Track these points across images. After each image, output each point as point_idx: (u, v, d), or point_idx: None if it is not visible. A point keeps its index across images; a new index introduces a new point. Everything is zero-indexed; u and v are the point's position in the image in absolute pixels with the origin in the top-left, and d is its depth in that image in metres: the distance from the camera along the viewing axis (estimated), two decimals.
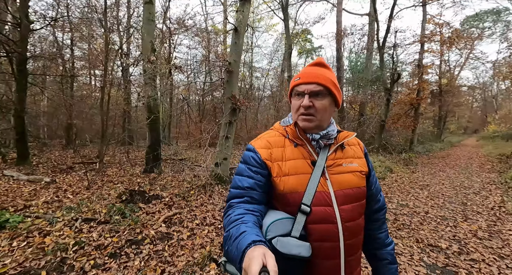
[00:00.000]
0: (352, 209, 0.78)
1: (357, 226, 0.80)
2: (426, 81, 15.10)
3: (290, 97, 0.89)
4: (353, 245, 0.79)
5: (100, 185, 4.94)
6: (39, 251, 2.38)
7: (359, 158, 0.87)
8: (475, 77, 36.18)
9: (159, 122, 5.88)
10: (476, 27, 22.04)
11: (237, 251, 0.57)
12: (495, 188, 5.80)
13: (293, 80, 0.86)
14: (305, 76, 0.82)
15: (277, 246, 0.66)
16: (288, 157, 0.81)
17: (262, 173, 0.80)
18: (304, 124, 0.82)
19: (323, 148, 0.83)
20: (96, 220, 3.07)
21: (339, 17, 13.36)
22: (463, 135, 35.07)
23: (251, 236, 0.58)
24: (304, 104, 0.79)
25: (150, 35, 5.84)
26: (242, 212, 0.71)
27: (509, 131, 23.30)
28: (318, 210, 0.74)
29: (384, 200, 0.96)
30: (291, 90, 0.87)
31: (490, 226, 3.50)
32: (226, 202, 0.81)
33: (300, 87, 0.82)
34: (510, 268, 2.45)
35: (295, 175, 0.78)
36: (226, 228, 0.69)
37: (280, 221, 0.73)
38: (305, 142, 0.83)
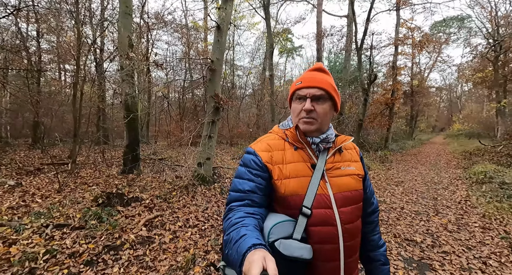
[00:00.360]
0: (351, 211, 0.80)
1: (355, 228, 0.82)
2: (400, 82, 15.91)
3: (290, 101, 0.90)
4: (352, 247, 0.81)
5: (73, 188, 4.64)
6: (4, 262, 2.17)
7: (356, 162, 0.90)
8: (442, 79, 38.92)
9: (138, 121, 5.63)
10: (443, 32, 23.65)
11: (237, 254, 0.57)
12: (461, 183, 6.25)
13: (294, 84, 0.87)
14: (307, 80, 0.83)
15: (280, 248, 0.66)
16: (288, 160, 0.82)
17: (262, 176, 0.80)
18: (306, 127, 0.83)
19: (322, 151, 0.84)
20: (70, 225, 2.88)
21: (319, 18, 13.62)
22: (431, 133, 37.41)
23: (251, 239, 0.58)
24: (306, 108, 0.80)
25: (127, 30, 5.57)
26: (242, 215, 0.71)
27: (471, 130, 25.26)
28: (318, 213, 0.76)
29: (377, 202, 0.98)
30: (291, 94, 0.88)
31: (458, 219, 3.77)
32: (226, 205, 0.81)
33: (302, 91, 0.83)
34: (477, 258, 2.65)
35: (296, 178, 0.79)
36: (226, 231, 0.68)
37: (282, 223, 0.73)
38: (305, 145, 0.85)
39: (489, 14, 17.46)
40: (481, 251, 2.79)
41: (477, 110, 32.11)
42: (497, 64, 16.39)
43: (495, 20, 16.84)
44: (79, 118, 7.07)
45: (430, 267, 2.47)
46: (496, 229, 3.37)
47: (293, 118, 0.88)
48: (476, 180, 6.25)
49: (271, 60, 11.27)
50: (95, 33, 11.09)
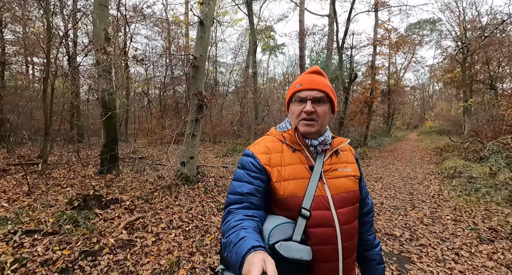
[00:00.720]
0: (348, 212, 0.82)
1: (353, 229, 0.84)
2: (378, 82, 16.52)
3: (288, 104, 0.91)
4: (350, 247, 0.82)
5: (45, 190, 4.34)
6: None
7: (352, 163, 0.91)
8: (416, 79, 41.00)
9: (116, 118, 5.37)
10: (417, 34, 24.91)
11: (236, 257, 0.57)
12: (434, 177, 6.62)
13: (293, 86, 0.87)
14: (307, 83, 0.84)
15: (280, 250, 0.66)
16: (286, 162, 0.83)
17: (261, 179, 0.80)
18: (306, 129, 0.84)
19: (319, 153, 0.86)
20: (42, 231, 2.68)
21: (302, 16, 13.73)
22: (406, 130, 39.34)
23: (250, 242, 0.58)
24: (307, 110, 0.81)
25: (103, 22, 5.27)
26: (241, 218, 0.71)
27: (441, 127, 26.90)
28: (317, 214, 0.76)
29: (372, 203, 1.01)
30: (290, 96, 0.89)
31: (433, 213, 3.98)
32: (225, 208, 0.81)
33: (302, 93, 0.84)
34: (450, 250, 2.81)
35: (294, 180, 0.80)
36: (226, 234, 0.68)
37: (282, 225, 0.74)
38: (303, 147, 0.85)
39: (458, 18, 18.59)
40: (454, 243, 2.96)
41: (447, 109, 34.27)
42: (465, 66, 17.52)
43: (463, 24, 17.94)
44: (50, 115, 6.60)
45: (409, 260, 2.59)
46: (466, 221, 3.60)
47: (292, 120, 0.89)
48: (447, 174, 6.65)
49: (254, 57, 11.22)
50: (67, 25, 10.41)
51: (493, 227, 3.33)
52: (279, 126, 0.95)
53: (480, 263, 2.53)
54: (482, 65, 17.67)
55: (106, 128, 5.21)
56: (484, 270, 2.40)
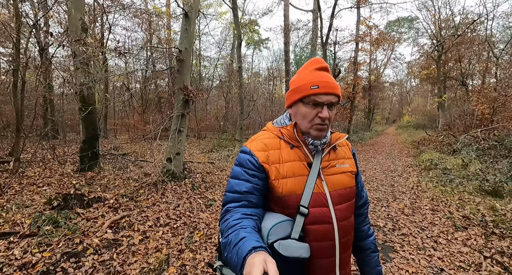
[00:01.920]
0: (345, 208, 0.82)
1: (349, 224, 0.85)
2: (360, 77, 16.95)
3: (295, 102, 0.83)
4: (347, 242, 0.83)
5: (19, 190, 4.08)
6: None
7: (349, 159, 0.91)
8: (395, 75, 42.58)
9: (96, 113, 5.12)
10: (396, 32, 25.74)
11: (237, 257, 0.57)
12: (412, 170, 6.95)
13: (306, 86, 0.79)
14: (324, 85, 0.78)
15: (280, 249, 0.66)
16: (285, 159, 0.81)
17: (259, 176, 0.79)
18: (319, 134, 0.81)
19: (318, 150, 0.84)
20: (18, 233, 2.53)
21: (286, 11, 13.70)
22: (385, 125, 40.92)
23: (251, 242, 0.58)
24: (325, 116, 0.78)
25: (79, 11, 4.95)
26: (240, 217, 0.70)
27: (418, 122, 28.26)
28: (315, 211, 0.76)
29: (367, 195, 1.03)
30: (303, 96, 0.80)
31: (412, 203, 4.19)
32: (222, 206, 0.80)
33: (320, 97, 0.78)
34: (429, 238, 2.98)
35: (293, 177, 0.78)
36: (225, 234, 0.67)
37: (280, 224, 0.73)
38: (301, 143, 0.84)
39: (433, 17, 19.41)
40: (432, 231, 3.14)
41: (423, 104, 35.97)
42: (439, 63, 18.39)
43: (438, 22, 18.77)
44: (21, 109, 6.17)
45: (393, 249, 2.71)
46: (442, 210, 3.83)
47: (301, 122, 0.82)
48: (424, 167, 7.01)
49: (240, 51, 11.10)
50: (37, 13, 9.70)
51: (466, 215, 3.56)
52: (276, 121, 0.93)
53: (456, 249, 2.70)
54: (454, 62, 18.66)
55: (85, 124, 4.95)
56: (460, 256, 2.57)
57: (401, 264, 2.42)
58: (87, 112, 4.62)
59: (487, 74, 16.62)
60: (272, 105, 17.03)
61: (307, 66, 0.85)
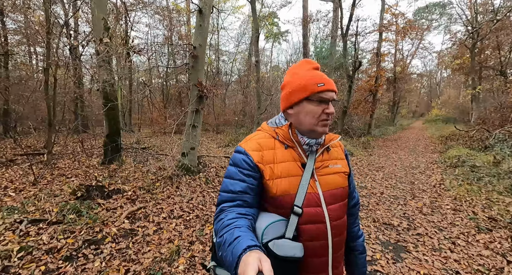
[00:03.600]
0: (338, 208, 0.84)
1: (342, 224, 0.86)
2: (383, 69, 16.13)
3: (300, 101, 0.82)
4: (339, 242, 0.85)
5: (50, 180, 4.44)
6: None
7: (341, 159, 0.92)
8: (423, 66, 39.95)
9: (118, 109, 5.38)
10: (426, 19, 23.99)
11: (232, 256, 0.57)
12: (436, 167, 6.57)
13: (313, 85, 0.80)
14: (328, 82, 0.81)
15: (274, 249, 0.67)
16: (279, 159, 0.82)
17: (254, 176, 0.80)
18: (324, 129, 0.83)
19: (312, 150, 0.86)
20: (46, 220, 2.77)
21: (305, 2, 13.32)
22: (411, 119, 38.82)
23: (246, 241, 0.59)
24: (332, 112, 0.81)
25: (101, 11, 5.18)
26: (234, 216, 0.71)
27: (448, 115, 26.44)
28: (309, 211, 0.78)
29: (358, 195, 1.04)
30: (310, 94, 0.80)
31: (432, 202, 3.98)
32: (217, 206, 0.81)
33: (326, 94, 0.80)
34: (447, 239, 2.83)
35: (287, 177, 0.80)
36: (219, 233, 0.68)
37: (275, 223, 0.74)
38: (296, 144, 0.85)
39: (469, 1, 17.78)
40: (451, 232, 2.98)
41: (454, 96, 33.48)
42: (474, 52, 16.93)
43: (474, 7, 17.18)
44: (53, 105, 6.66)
45: (405, 249, 2.62)
46: (465, 211, 3.60)
47: (306, 119, 0.82)
48: (450, 164, 6.60)
49: (257, 46, 10.99)
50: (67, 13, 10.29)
51: (493, 217, 3.32)
52: (270, 122, 0.93)
53: (476, 252, 2.55)
54: (492, 50, 17.06)
55: (108, 119, 5.24)
56: (479, 259, 2.42)
57: (412, 265, 2.33)
58: (110, 108, 4.88)
59: None
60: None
61: (302, 67, 0.86)
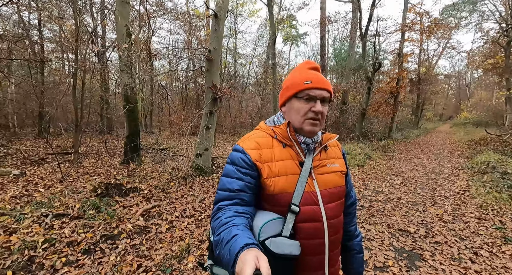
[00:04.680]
0: (335, 207, 0.84)
1: (339, 223, 0.86)
2: (406, 70, 15.50)
3: (289, 98, 0.85)
4: (336, 240, 0.85)
5: (75, 177, 4.75)
6: (4, 250, 2.27)
7: (339, 159, 0.92)
8: (451, 66, 37.81)
9: (137, 111, 5.65)
10: (454, 17, 22.67)
11: (229, 255, 0.57)
12: (462, 173, 6.18)
13: (299, 82, 0.82)
14: (317, 81, 0.81)
15: (271, 247, 0.68)
16: (277, 157, 0.82)
17: (252, 175, 0.80)
18: (312, 128, 0.82)
19: (310, 149, 0.86)
20: (69, 215, 2.97)
21: (323, 3, 13.18)
22: (438, 122, 36.81)
23: (243, 239, 0.59)
24: (318, 110, 0.80)
25: (124, 19, 5.48)
26: (232, 215, 0.71)
27: (479, 118, 24.73)
28: (306, 209, 0.78)
29: (356, 195, 1.03)
30: (297, 91, 0.82)
31: (455, 210, 3.76)
32: (214, 204, 0.81)
33: (313, 91, 0.81)
34: (468, 249, 2.66)
35: (285, 176, 0.80)
36: (217, 232, 0.68)
37: (272, 222, 0.75)
38: (294, 142, 0.85)
39: None
40: (474, 242, 2.79)
41: (486, 98, 31.26)
42: (509, 50, 15.75)
43: (509, 2, 16.01)
44: (81, 108, 7.12)
45: (421, 257, 2.49)
46: (492, 220, 3.36)
47: (294, 117, 0.84)
48: (478, 170, 6.17)
49: (273, 49, 11.05)
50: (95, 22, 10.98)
51: None
52: (268, 121, 0.94)
53: (500, 263, 2.37)
54: None
55: (128, 120, 5.51)
56: (504, 271, 2.25)
57: (427, 274, 2.22)
58: (130, 110, 5.13)
59: None
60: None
61: (301, 67, 0.88)
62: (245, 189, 0.78)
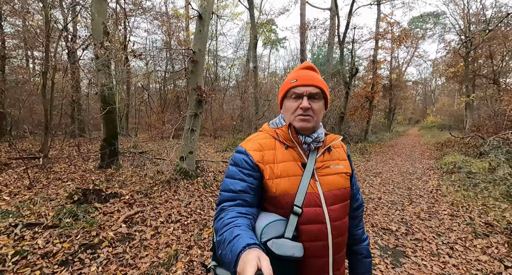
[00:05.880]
0: (339, 209, 0.83)
1: (343, 225, 0.85)
2: (380, 76, 16.38)
3: (282, 100, 0.89)
4: (340, 243, 0.83)
5: (46, 184, 4.38)
6: None
7: (343, 160, 0.92)
8: (418, 73, 40.59)
9: (116, 113, 5.37)
10: (420, 28, 24.51)
11: (231, 254, 0.57)
12: (433, 173, 6.63)
13: (287, 82, 0.86)
14: (302, 78, 0.83)
15: (273, 248, 0.67)
16: (279, 159, 0.83)
17: (254, 176, 0.80)
18: (302, 124, 0.83)
19: (312, 150, 0.86)
20: (42, 224, 2.73)
21: (303, 9, 13.56)
22: (407, 125, 39.16)
23: (245, 239, 0.58)
24: (304, 106, 0.80)
25: (101, 16, 5.21)
26: (234, 215, 0.71)
27: (443, 122, 26.77)
28: (309, 211, 0.77)
29: (362, 198, 1.02)
30: (285, 92, 0.87)
31: (430, 208, 4.01)
32: (217, 205, 0.81)
33: (298, 89, 0.83)
34: (445, 244, 2.84)
35: (287, 177, 0.80)
36: (219, 232, 0.68)
37: (274, 223, 0.74)
38: (296, 144, 0.85)
39: (462, 11, 18.26)
40: (449, 237, 2.99)
41: (449, 104, 33.98)
42: (468, 60, 17.27)
43: (467, 17, 17.63)
44: (50, 109, 6.63)
45: (404, 254, 2.62)
46: (462, 216, 3.63)
47: (287, 116, 0.87)
48: (446, 170, 6.65)
49: (255, 51, 11.12)
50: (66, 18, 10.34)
51: (489, 222, 3.35)
52: (272, 122, 0.94)
53: (474, 257, 2.56)
54: (485, 59, 17.41)
55: (105, 123, 5.22)
56: (477, 264, 2.43)
57: (411, 270, 2.33)
58: (108, 112, 4.86)
59: None
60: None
61: (296, 68, 0.91)
62: (248, 190, 0.78)
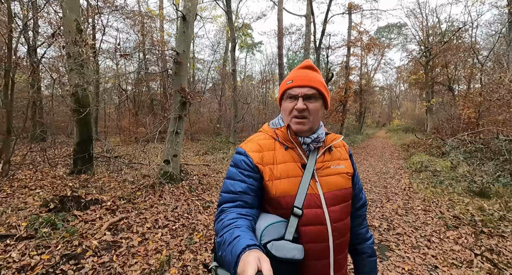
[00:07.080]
0: (340, 210, 0.82)
1: (344, 226, 0.84)
2: (352, 81, 17.31)
3: (280, 101, 0.89)
4: (342, 244, 0.82)
5: (10, 193, 3.97)
6: None
7: (345, 160, 0.91)
8: (385, 80, 43.58)
9: (90, 115, 5.04)
10: (386, 38, 26.43)
11: (231, 256, 0.57)
12: (404, 172, 7.14)
13: (284, 83, 0.86)
14: (298, 79, 0.83)
15: (273, 250, 0.66)
16: (279, 160, 0.82)
17: (254, 177, 0.80)
18: (298, 127, 0.82)
19: (312, 150, 0.85)
20: (14, 236, 2.48)
21: (280, 15, 13.89)
22: (376, 128, 41.67)
23: (245, 241, 0.58)
24: (298, 107, 0.80)
25: (73, 12, 4.91)
26: (235, 217, 0.71)
27: (407, 125, 28.93)
28: (309, 212, 0.76)
29: (366, 197, 1.02)
30: (282, 93, 0.87)
31: (405, 204, 4.31)
32: (218, 206, 0.79)
33: (293, 90, 0.82)
34: (423, 237, 3.08)
35: (287, 178, 0.79)
36: (219, 233, 0.67)
37: (274, 225, 0.73)
38: (295, 145, 0.85)
39: (421, 24, 20.07)
40: (425, 230, 3.25)
41: (412, 108, 36.91)
42: (427, 68, 18.97)
43: (426, 29, 19.40)
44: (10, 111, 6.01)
45: (389, 248, 2.80)
46: (434, 211, 3.96)
47: (284, 117, 0.87)
48: (415, 169, 7.21)
49: (234, 54, 11.16)
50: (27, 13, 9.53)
51: (457, 215, 3.69)
52: (271, 123, 0.93)
53: (448, 247, 2.81)
54: (441, 68, 19.27)
55: (79, 126, 4.88)
56: (452, 253, 2.68)
57: (397, 262, 2.50)
58: (81, 114, 4.56)
59: (472, 80, 17.24)
60: (265, 108, 17.15)
61: (294, 68, 0.91)
62: (248, 191, 0.77)
